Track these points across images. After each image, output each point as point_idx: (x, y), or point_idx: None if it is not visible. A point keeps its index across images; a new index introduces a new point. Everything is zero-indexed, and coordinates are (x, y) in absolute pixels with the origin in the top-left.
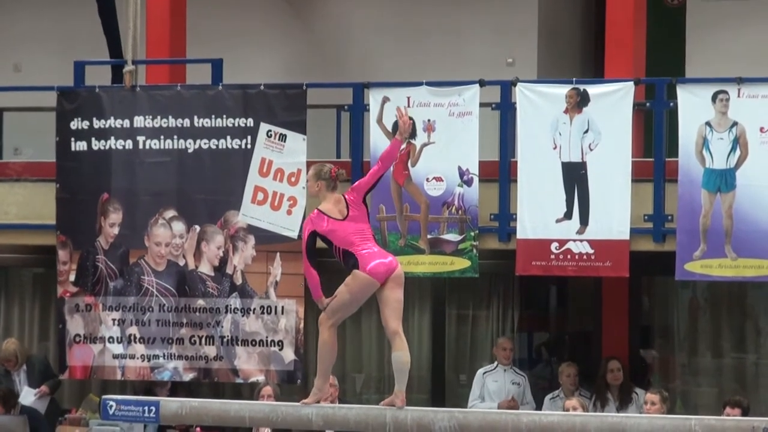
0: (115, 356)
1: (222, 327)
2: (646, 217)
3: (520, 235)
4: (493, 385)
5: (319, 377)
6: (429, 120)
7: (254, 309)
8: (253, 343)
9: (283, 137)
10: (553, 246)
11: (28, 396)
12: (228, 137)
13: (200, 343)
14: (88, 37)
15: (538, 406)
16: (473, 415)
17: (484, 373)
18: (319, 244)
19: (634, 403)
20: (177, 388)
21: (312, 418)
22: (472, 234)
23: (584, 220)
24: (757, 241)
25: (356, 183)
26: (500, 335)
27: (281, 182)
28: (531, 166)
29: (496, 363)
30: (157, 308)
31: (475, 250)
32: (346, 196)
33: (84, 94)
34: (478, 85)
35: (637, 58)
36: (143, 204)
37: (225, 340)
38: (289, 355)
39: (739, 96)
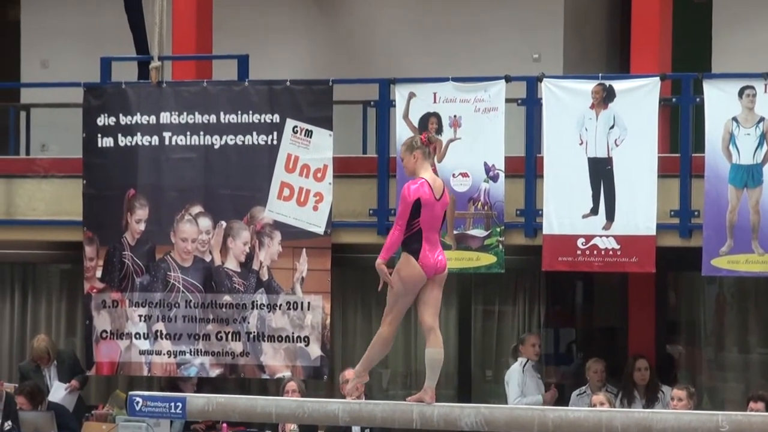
0: (142, 352)
1: (248, 323)
2: (672, 213)
3: (546, 230)
4: (531, 381)
5: (361, 363)
6: (455, 116)
7: (280, 305)
8: (280, 339)
9: (309, 133)
10: (580, 242)
11: (58, 391)
12: (254, 133)
13: (226, 339)
14: (114, 34)
15: (565, 402)
16: (499, 410)
17: (523, 368)
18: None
19: (660, 402)
20: (203, 384)
21: (339, 414)
22: (498, 230)
23: (610, 216)
24: None
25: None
26: (526, 331)
27: (307, 178)
28: (557, 161)
29: (525, 359)
30: (184, 304)
31: (501, 246)
32: (445, 188)
33: (110, 91)
34: (504, 80)
35: (663, 53)
36: (169, 200)
37: (251, 336)
38: (315, 350)
39: (765, 91)
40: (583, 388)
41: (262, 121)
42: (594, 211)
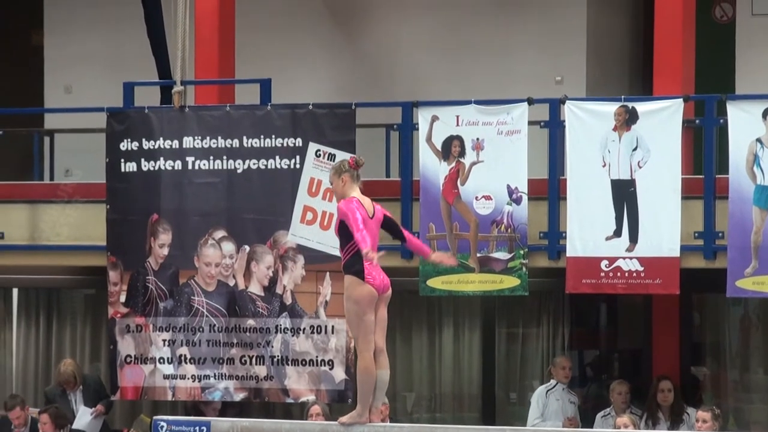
0: (166, 377)
1: (272, 347)
2: (696, 234)
3: (569, 253)
4: (555, 403)
5: (359, 403)
6: (477, 138)
7: (304, 329)
8: (303, 362)
9: (332, 157)
10: (603, 264)
11: (84, 416)
12: (277, 157)
13: (250, 363)
14: (137, 59)
15: (590, 424)
16: None
17: (547, 391)
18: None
19: (685, 423)
20: (226, 408)
21: None
22: (522, 252)
23: (634, 238)
24: None
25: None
26: (550, 353)
27: (330, 202)
28: (580, 183)
29: (555, 381)
30: (208, 328)
31: (524, 269)
32: (375, 205)
33: (133, 115)
34: (526, 103)
35: (686, 74)
36: (193, 224)
37: (275, 359)
38: (339, 374)
39: None
40: (608, 410)
41: (285, 145)
42: (617, 233)
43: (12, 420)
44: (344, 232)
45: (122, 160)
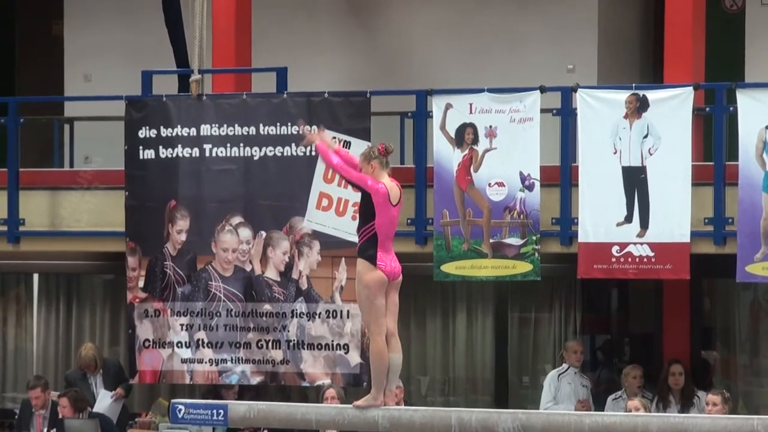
0: (184, 361)
1: (288, 331)
2: (706, 220)
3: (581, 238)
4: (567, 387)
5: (373, 386)
6: (491, 126)
7: (320, 313)
8: (319, 346)
9: (347, 144)
10: (614, 249)
11: (105, 399)
12: (293, 144)
13: (267, 347)
14: (155, 48)
15: (601, 407)
16: (536, 416)
17: (559, 375)
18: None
19: (696, 407)
20: (243, 391)
21: (378, 420)
22: (534, 238)
23: (644, 224)
24: None
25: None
26: (562, 338)
27: (345, 188)
28: (592, 170)
29: (567, 365)
30: (225, 313)
31: (537, 254)
32: (401, 195)
33: (152, 104)
34: (538, 91)
35: (696, 63)
36: (210, 211)
37: (291, 344)
38: (354, 358)
39: None
40: (619, 393)
41: (301, 132)
42: (628, 219)
43: (31, 399)
44: (363, 214)
45: (140, 148)
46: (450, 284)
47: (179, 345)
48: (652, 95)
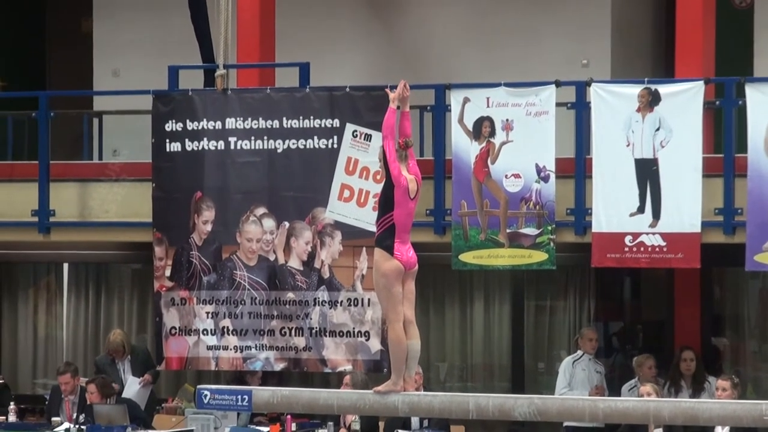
0: (209, 348)
1: (311, 319)
2: (716, 211)
3: (595, 228)
4: (582, 373)
5: (393, 372)
6: (507, 119)
7: (341, 301)
8: (341, 334)
9: (368, 137)
10: (627, 239)
11: (133, 385)
12: (315, 137)
13: (290, 335)
14: (181, 43)
15: (615, 393)
16: (551, 401)
17: (574, 361)
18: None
19: (706, 392)
20: (267, 378)
21: (398, 406)
22: (549, 228)
23: (656, 214)
24: None
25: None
26: (577, 325)
27: (367, 180)
28: (605, 162)
29: (581, 352)
30: (249, 301)
31: (552, 244)
32: (419, 187)
33: (178, 98)
34: (554, 85)
35: (707, 58)
36: (235, 202)
37: (314, 331)
38: (375, 345)
39: None
40: (633, 382)
41: (323, 125)
42: (641, 209)
43: (60, 384)
44: (382, 204)
45: (167, 141)
46: (468, 273)
47: (205, 332)
48: (663, 89)
